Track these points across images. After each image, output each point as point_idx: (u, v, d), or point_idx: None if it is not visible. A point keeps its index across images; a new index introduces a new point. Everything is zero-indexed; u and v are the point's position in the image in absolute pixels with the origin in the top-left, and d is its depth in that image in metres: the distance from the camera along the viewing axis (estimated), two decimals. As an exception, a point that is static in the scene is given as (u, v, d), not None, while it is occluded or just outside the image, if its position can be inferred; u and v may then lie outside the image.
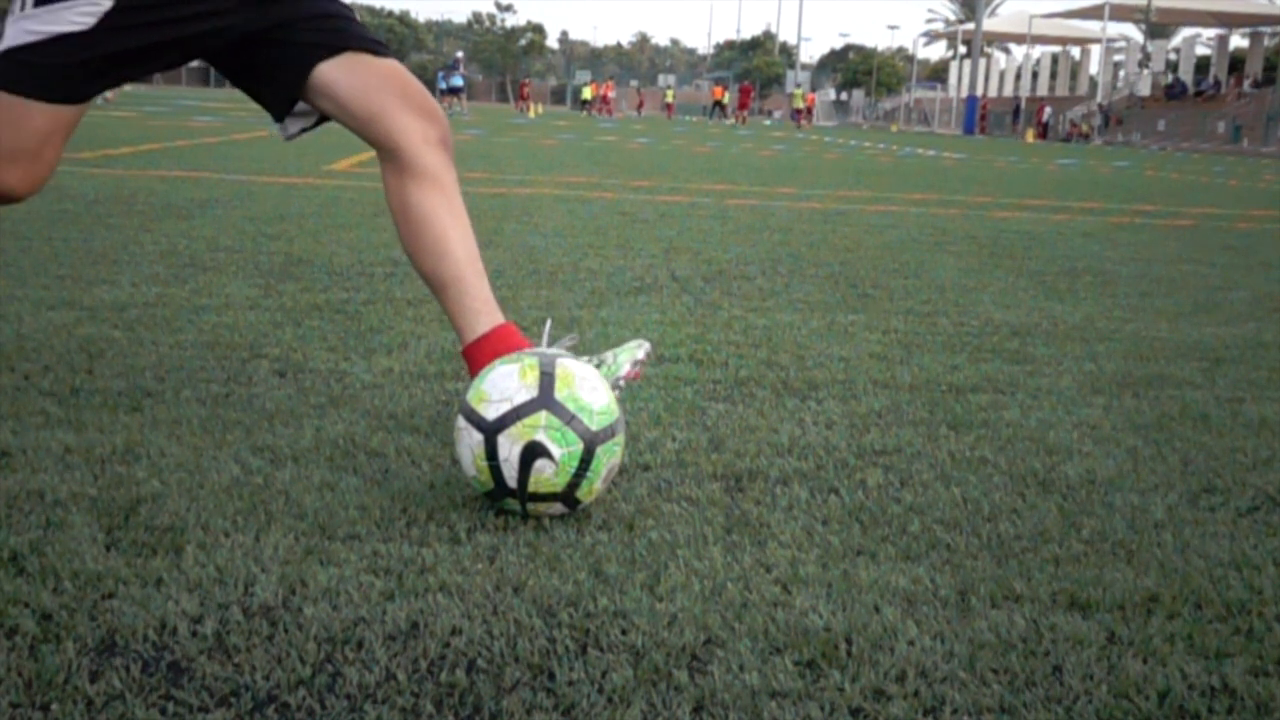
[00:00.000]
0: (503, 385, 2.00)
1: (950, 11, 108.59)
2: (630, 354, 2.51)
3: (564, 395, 1.98)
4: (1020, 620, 1.67)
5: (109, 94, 30.80)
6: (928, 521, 2.07)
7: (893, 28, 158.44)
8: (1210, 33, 69.66)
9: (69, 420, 2.40)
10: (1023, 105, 62.20)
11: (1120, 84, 64.14)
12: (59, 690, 1.37)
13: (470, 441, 1.98)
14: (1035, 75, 73.22)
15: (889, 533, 2.01)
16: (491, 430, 1.96)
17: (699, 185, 11.03)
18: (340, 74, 2.32)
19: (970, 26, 63.71)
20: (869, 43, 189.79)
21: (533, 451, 1.94)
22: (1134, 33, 70.14)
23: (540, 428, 1.95)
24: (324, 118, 2.41)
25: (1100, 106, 59.34)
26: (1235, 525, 2.14)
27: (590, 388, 2.02)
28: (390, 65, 2.36)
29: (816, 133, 42.48)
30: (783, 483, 2.25)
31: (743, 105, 55.50)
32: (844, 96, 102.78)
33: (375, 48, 2.35)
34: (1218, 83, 59.06)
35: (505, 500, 1.98)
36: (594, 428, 1.98)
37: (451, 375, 3.00)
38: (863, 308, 4.42)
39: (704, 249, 5.99)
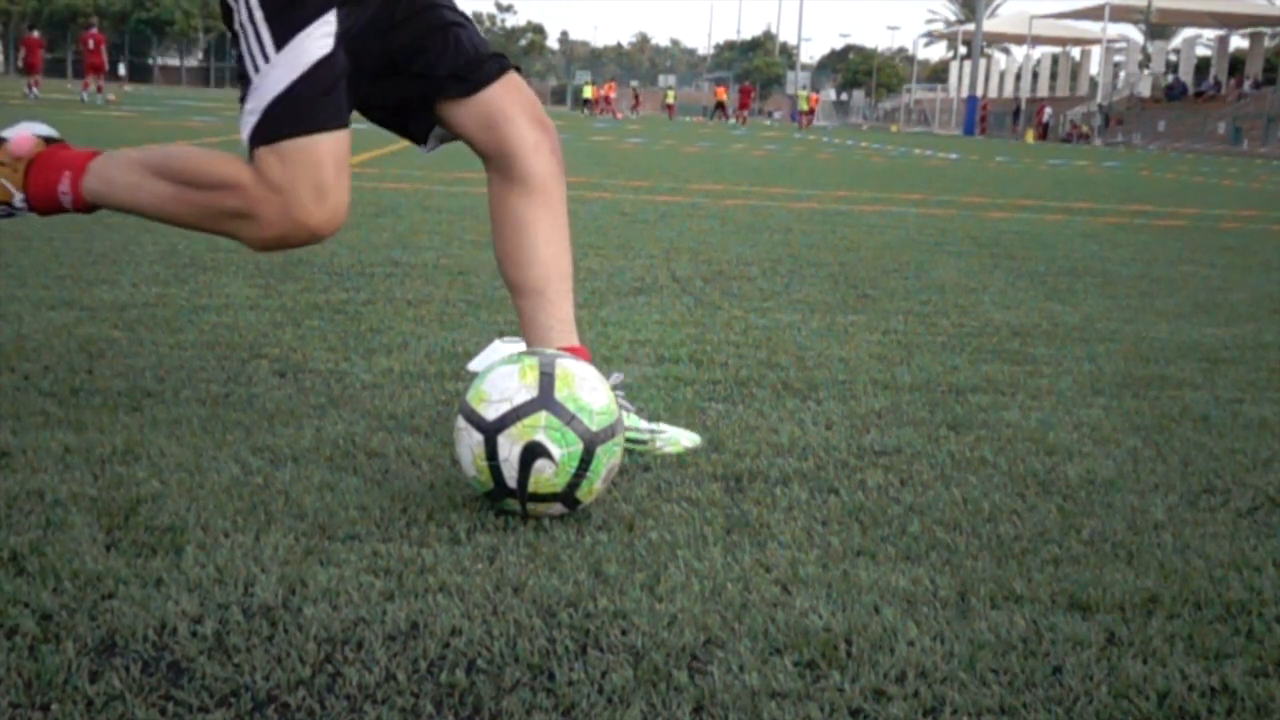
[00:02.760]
0: (502, 385, 2.00)
1: (950, 12, 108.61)
2: (675, 443, 2.44)
3: (564, 395, 1.98)
4: (1020, 621, 1.67)
5: (111, 95, 30.83)
6: (928, 522, 2.07)
7: (893, 28, 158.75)
8: (1210, 33, 69.67)
9: (69, 420, 2.40)
10: (1023, 106, 62.21)
11: (1120, 85, 64.12)
12: (59, 690, 1.37)
13: (470, 441, 1.98)
14: (1035, 76, 73.20)
15: (889, 533, 2.01)
16: (491, 430, 1.96)
17: (698, 185, 11.03)
18: (462, 95, 2.37)
19: (970, 27, 63.70)
20: (869, 43, 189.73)
21: (532, 452, 1.94)
22: (1134, 33, 70.21)
23: (540, 428, 1.95)
24: None
25: (1100, 107, 59.33)
26: (1235, 526, 2.14)
27: (590, 388, 2.02)
28: (509, 78, 2.39)
29: (815, 133, 42.47)
30: (783, 483, 2.25)
31: (743, 105, 55.52)
32: (844, 97, 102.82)
33: (497, 63, 2.38)
34: (1218, 83, 59.06)
35: (505, 501, 1.98)
36: (594, 428, 1.98)
37: (451, 375, 3.00)
38: (863, 308, 4.42)
39: (703, 249, 5.99)
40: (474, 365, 3.09)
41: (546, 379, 2.00)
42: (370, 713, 1.36)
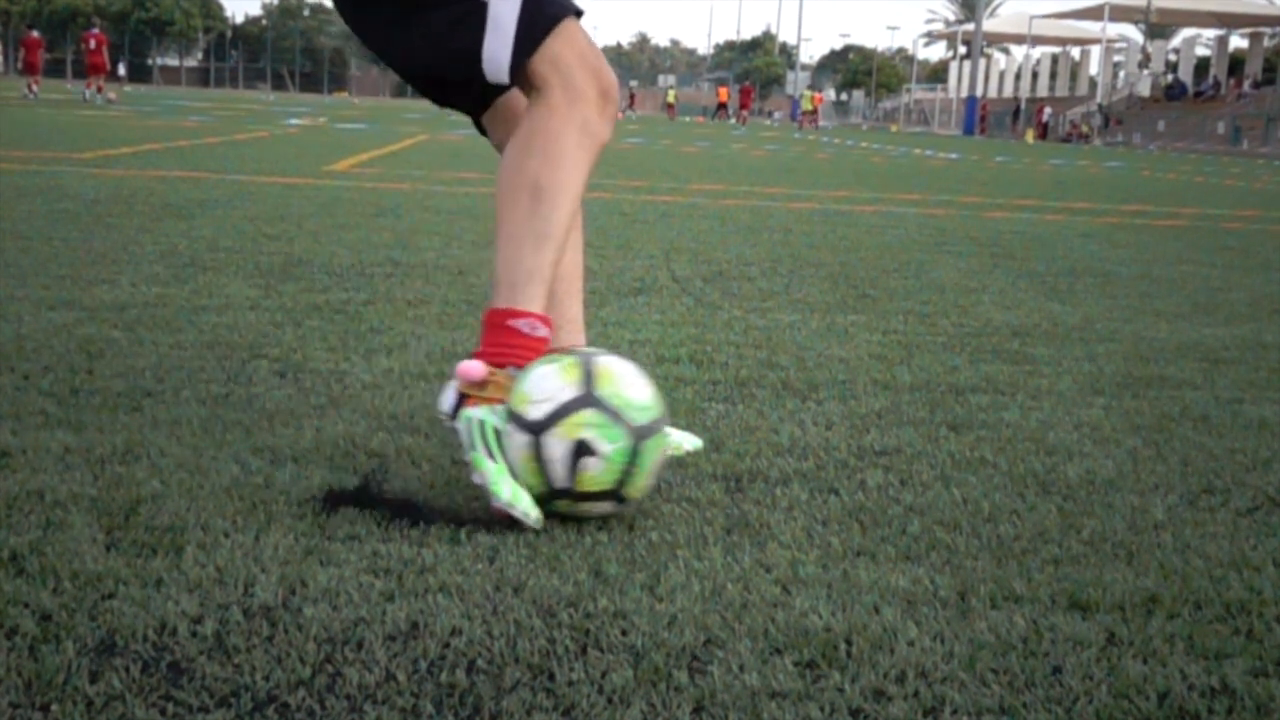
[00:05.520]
0: (545, 385, 1.98)
1: (950, 12, 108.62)
2: (678, 447, 2.41)
3: (607, 392, 1.97)
4: (1020, 621, 1.67)
5: (111, 94, 30.82)
6: (928, 522, 2.07)
7: (893, 28, 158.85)
8: (1210, 33, 69.68)
9: (69, 420, 2.40)
10: (1023, 106, 62.22)
11: (1120, 85, 64.13)
12: (59, 691, 1.37)
13: (517, 444, 1.96)
14: (1035, 76, 73.21)
15: (889, 533, 2.01)
16: (537, 430, 1.95)
17: (698, 185, 11.03)
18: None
19: (970, 27, 63.70)
20: (869, 43, 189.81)
21: (580, 449, 1.93)
22: (1134, 33, 70.22)
23: (586, 425, 1.94)
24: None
25: (1100, 107, 59.34)
26: (1235, 526, 2.14)
27: (631, 383, 2.01)
28: None
29: (815, 133, 42.47)
30: (783, 483, 2.25)
31: (744, 106, 55.49)
32: (844, 97, 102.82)
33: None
34: (1217, 83, 59.07)
35: (555, 503, 1.96)
36: (639, 423, 1.97)
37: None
38: (862, 308, 4.42)
39: (703, 249, 5.99)
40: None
41: (589, 376, 1.98)
42: (370, 713, 1.36)
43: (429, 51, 2.21)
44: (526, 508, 1.94)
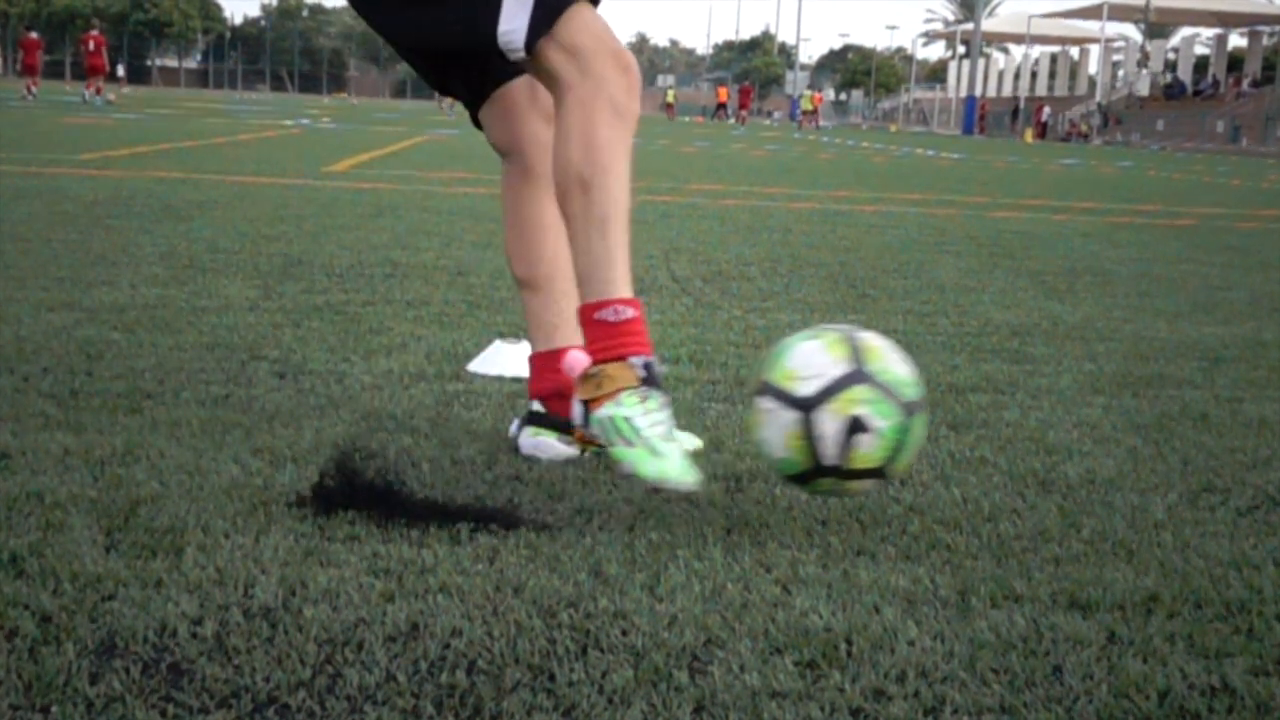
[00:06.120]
0: (813, 361, 1.95)
1: (949, 12, 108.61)
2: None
3: (877, 367, 1.94)
4: (1020, 620, 1.67)
5: (111, 95, 30.83)
6: (928, 521, 2.07)
7: (892, 28, 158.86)
8: (1209, 32, 69.69)
9: (68, 422, 2.40)
10: (1022, 105, 62.18)
11: (1119, 84, 64.12)
12: (59, 692, 1.37)
13: (782, 421, 1.93)
14: (1034, 75, 73.20)
15: (889, 533, 2.01)
16: (809, 407, 1.91)
17: (697, 185, 11.03)
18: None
19: (969, 26, 63.70)
20: (868, 43, 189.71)
21: (854, 426, 1.90)
22: (1133, 32, 70.19)
23: (860, 401, 1.91)
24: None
25: (1099, 106, 59.34)
26: (1235, 525, 2.14)
27: (896, 359, 1.99)
28: (527, 76, 2.39)
29: (815, 133, 42.47)
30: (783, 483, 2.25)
31: (743, 105, 55.47)
32: (843, 97, 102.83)
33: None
34: (1216, 82, 59.06)
35: (818, 482, 1.94)
36: (909, 398, 1.95)
37: (451, 376, 3.00)
38: (862, 308, 4.42)
39: (703, 249, 5.99)
40: (474, 366, 3.09)
41: (857, 352, 1.95)
42: (370, 714, 1.36)
43: (445, 20, 2.21)
44: (678, 475, 1.97)
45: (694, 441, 2.44)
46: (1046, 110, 56.44)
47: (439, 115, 33.59)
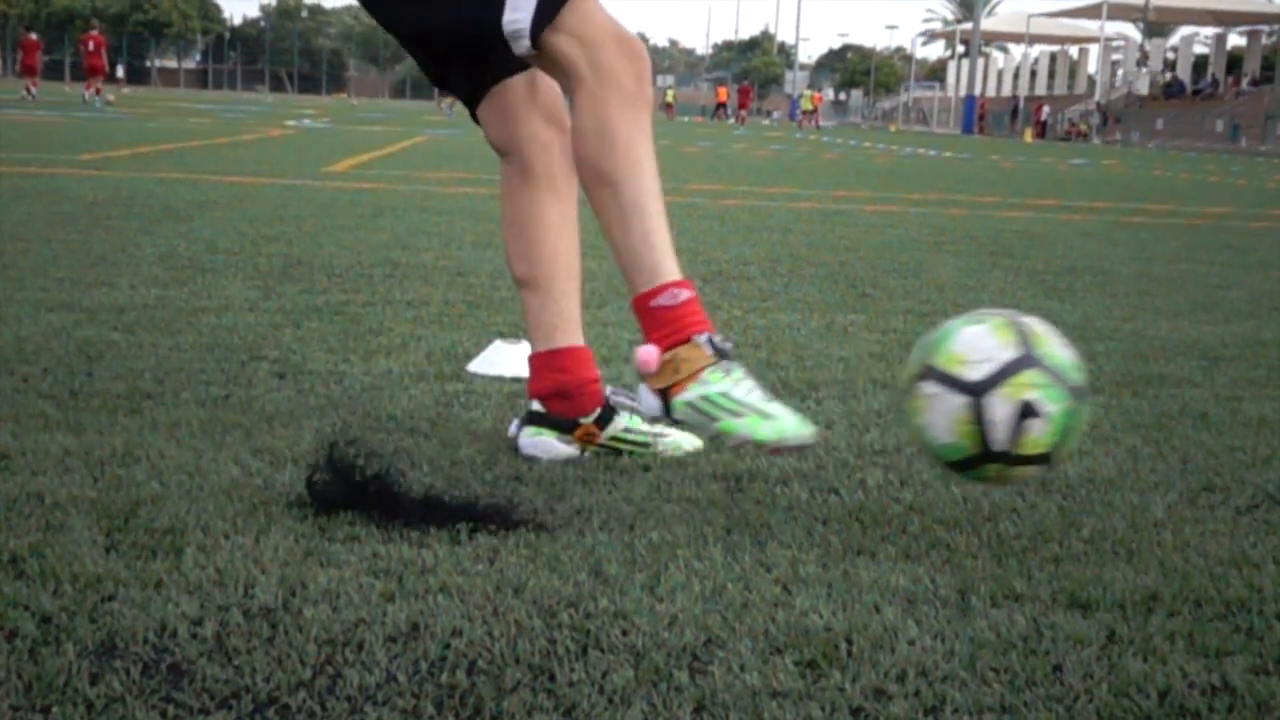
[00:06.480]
0: (981, 345, 1.92)
1: (948, 11, 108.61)
2: (678, 447, 2.42)
3: (1045, 351, 1.92)
4: (1020, 619, 1.67)
5: (110, 96, 30.83)
6: (928, 521, 2.07)
7: (891, 27, 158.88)
8: (1208, 31, 69.68)
9: (68, 423, 2.39)
10: (1021, 104, 62.19)
11: (1118, 83, 64.10)
12: (59, 693, 1.37)
13: (949, 406, 1.90)
14: (1033, 74, 73.22)
15: (889, 533, 2.01)
16: (979, 392, 1.88)
17: (697, 185, 11.03)
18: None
19: (968, 26, 63.71)
20: (867, 42, 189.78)
21: (1025, 411, 1.87)
22: (1132, 32, 70.19)
23: (1032, 385, 1.88)
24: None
25: (1098, 105, 59.35)
26: (1235, 523, 2.14)
27: (1061, 344, 1.96)
28: (534, 71, 2.38)
29: (816, 132, 42.47)
30: (783, 483, 2.25)
31: (742, 105, 55.47)
32: (842, 96, 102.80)
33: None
34: (1216, 81, 59.07)
35: (984, 468, 1.92)
36: (1076, 383, 1.93)
37: (450, 376, 3.00)
38: (862, 307, 4.42)
39: (702, 249, 5.99)
40: (474, 366, 3.09)
41: (1025, 336, 1.93)
42: (371, 714, 1.36)
43: (450, 6, 2.21)
44: (796, 431, 2.01)
45: (694, 441, 2.44)
46: (1046, 109, 56.45)
47: (437, 115, 33.57)
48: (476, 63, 2.36)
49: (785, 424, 2.04)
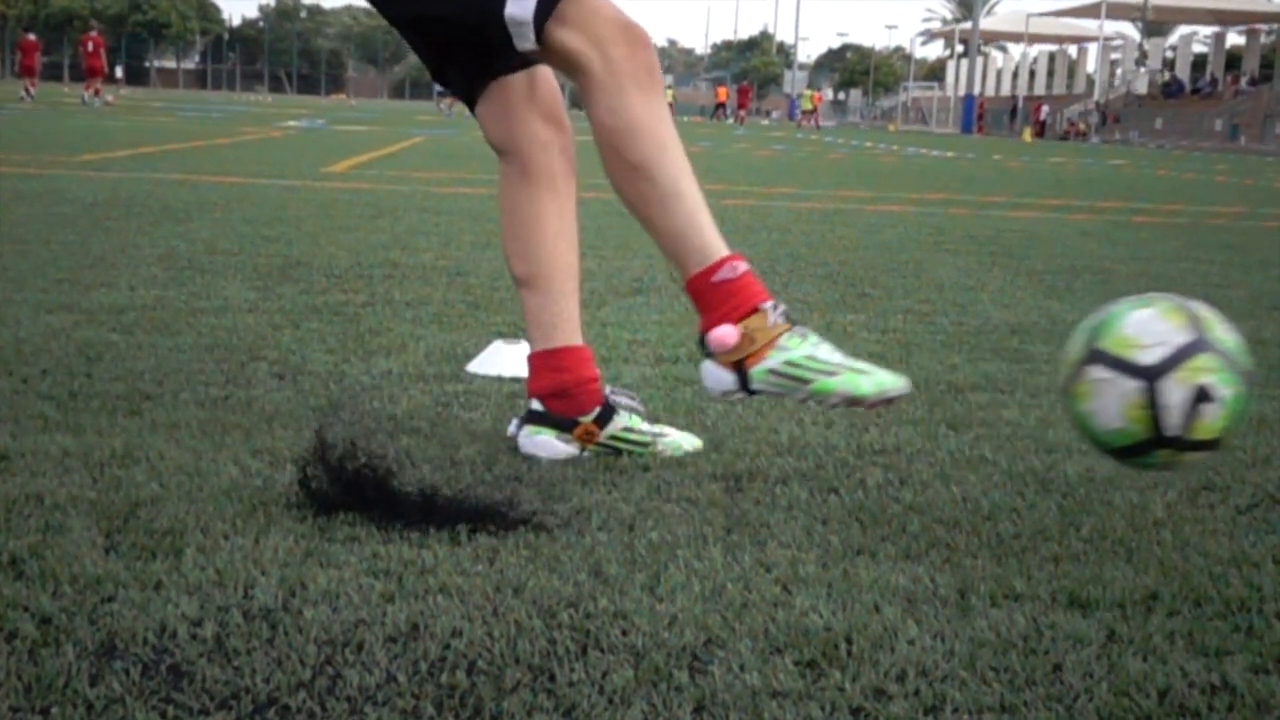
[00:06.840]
0: (1153, 329, 1.89)
1: (948, 11, 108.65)
2: (677, 447, 2.42)
3: (1217, 335, 1.90)
4: (1020, 619, 1.67)
5: (110, 97, 30.82)
6: (927, 520, 2.07)
7: (890, 27, 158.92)
8: (1207, 30, 69.70)
9: (68, 424, 2.39)
10: (1020, 104, 62.22)
11: (1117, 82, 64.11)
12: (59, 694, 1.37)
13: (1120, 391, 1.87)
14: (1032, 74, 73.24)
15: (889, 532, 2.01)
16: (1153, 376, 1.86)
17: (697, 185, 11.02)
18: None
19: (967, 25, 63.70)
20: (866, 42, 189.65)
21: (1200, 395, 1.86)
22: (1131, 31, 70.17)
23: (1207, 370, 1.86)
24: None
25: (1098, 105, 59.35)
26: (1235, 523, 2.14)
27: (1227, 327, 1.95)
28: (534, 70, 2.38)
29: (816, 132, 42.46)
30: (782, 483, 2.25)
31: (742, 105, 55.48)
32: (842, 96, 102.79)
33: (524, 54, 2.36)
34: (1215, 80, 59.06)
35: (1155, 454, 1.90)
36: (1246, 367, 1.91)
37: (450, 377, 3.00)
38: (862, 307, 4.42)
39: (702, 249, 5.98)
40: (473, 367, 3.09)
41: (1196, 320, 1.91)
42: (371, 714, 1.36)
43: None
44: (894, 382, 2.05)
45: (694, 441, 2.44)
46: (1045, 109, 56.46)
47: (435, 114, 33.57)
48: (477, 56, 2.35)
49: (882, 377, 2.08)
